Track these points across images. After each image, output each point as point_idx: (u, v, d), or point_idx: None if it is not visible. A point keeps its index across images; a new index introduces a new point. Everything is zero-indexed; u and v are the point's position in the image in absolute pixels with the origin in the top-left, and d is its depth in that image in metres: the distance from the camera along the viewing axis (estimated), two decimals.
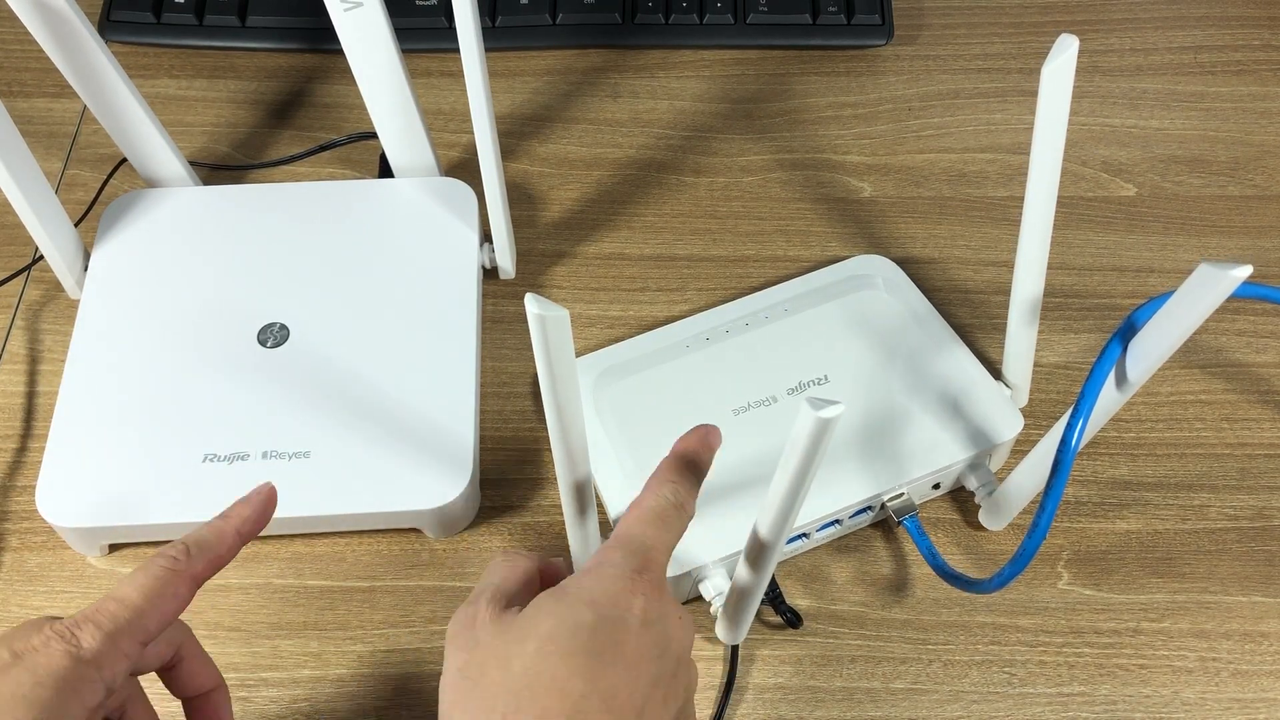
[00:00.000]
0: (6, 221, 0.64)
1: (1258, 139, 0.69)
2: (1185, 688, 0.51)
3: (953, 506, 0.56)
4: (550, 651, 0.35)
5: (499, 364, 0.59)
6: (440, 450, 0.53)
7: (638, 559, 0.38)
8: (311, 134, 0.68)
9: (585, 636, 0.36)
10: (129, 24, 0.71)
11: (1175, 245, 0.64)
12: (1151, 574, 0.54)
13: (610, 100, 0.70)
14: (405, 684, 0.50)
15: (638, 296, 0.62)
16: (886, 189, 0.66)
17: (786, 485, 0.36)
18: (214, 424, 0.53)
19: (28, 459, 0.56)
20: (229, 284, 0.58)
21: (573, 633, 0.36)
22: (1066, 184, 0.66)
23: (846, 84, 0.71)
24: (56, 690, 0.34)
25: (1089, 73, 0.71)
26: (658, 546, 0.39)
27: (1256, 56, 0.73)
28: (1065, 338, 0.61)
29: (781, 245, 0.64)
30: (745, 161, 0.68)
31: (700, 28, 0.72)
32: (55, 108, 0.69)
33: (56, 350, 0.60)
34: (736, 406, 0.54)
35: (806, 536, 0.52)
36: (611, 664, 0.35)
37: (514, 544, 0.54)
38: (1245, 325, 0.61)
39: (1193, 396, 0.59)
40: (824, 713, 0.50)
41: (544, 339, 0.36)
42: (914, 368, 0.56)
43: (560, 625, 0.36)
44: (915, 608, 0.53)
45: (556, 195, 0.66)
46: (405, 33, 0.68)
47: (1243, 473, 0.56)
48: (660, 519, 0.40)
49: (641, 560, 0.38)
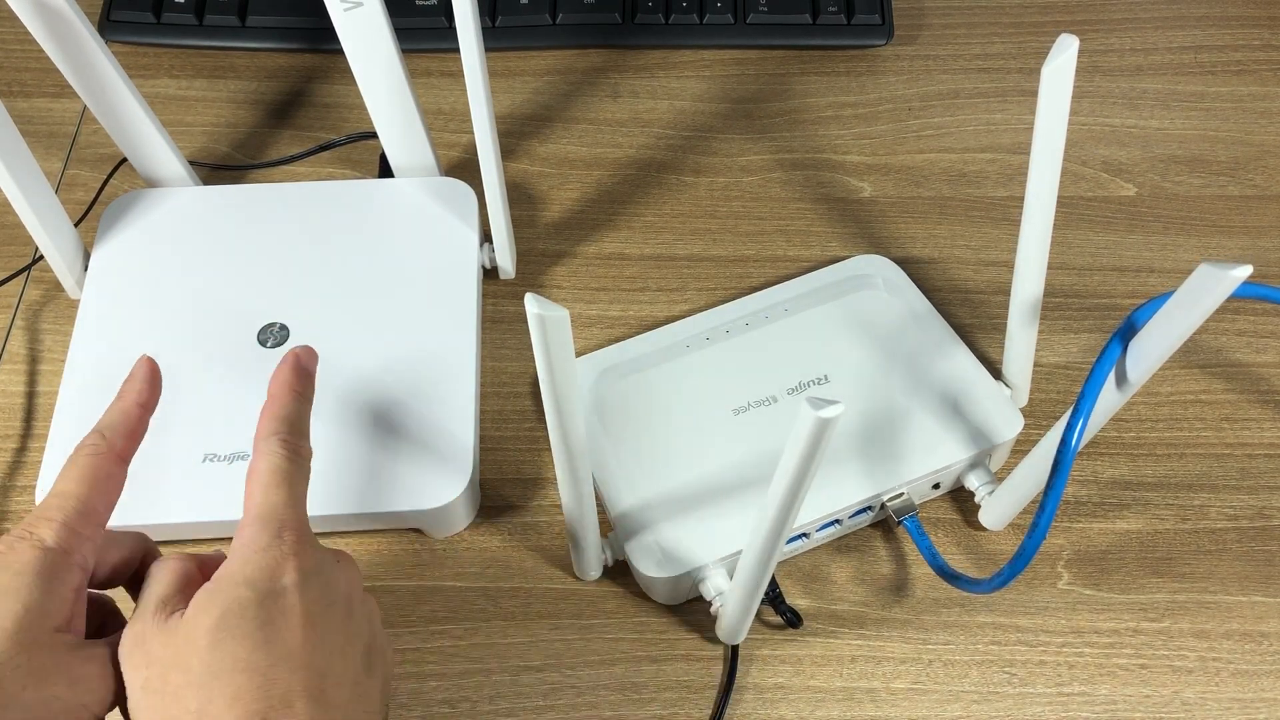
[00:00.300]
0: (6, 221, 0.64)
1: (1258, 139, 0.69)
2: (1185, 688, 0.51)
3: (953, 506, 0.56)
4: (223, 639, 0.36)
5: (499, 364, 0.59)
6: (440, 450, 0.53)
7: (273, 525, 0.39)
8: (311, 134, 0.68)
9: (252, 613, 0.37)
10: (129, 24, 0.71)
11: (1175, 245, 0.64)
12: (1151, 574, 0.54)
13: (610, 100, 0.70)
14: (404, 684, 0.50)
15: (638, 296, 0.62)
16: (886, 189, 0.66)
17: (786, 485, 0.36)
18: (214, 424, 0.53)
19: (28, 459, 0.56)
20: (229, 284, 0.58)
21: (239, 615, 0.37)
22: (1066, 184, 0.66)
23: (846, 84, 0.71)
24: (36, 576, 0.37)
25: (1089, 73, 0.71)
26: (288, 503, 0.40)
27: (1256, 56, 0.73)
28: (1065, 338, 0.61)
29: (781, 245, 0.64)
30: (745, 161, 0.68)
31: (700, 28, 0.72)
32: (55, 108, 0.69)
33: (56, 350, 0.60)
34: (736, 406, 0.54)
35: (806, 536, 0.53)
36: (286, 629, 0.37)
37: (514, 544, 0.54)
38: (1245, 325, 0.61)
39: (1193, 396, 0.59)
40: (824, 713, 0.50)
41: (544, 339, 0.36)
42: (914, 368, 0.56)
43: (225, 613, 0.37)
44: (915, 608, 0.53)
45: (556, 195, 0.66)
46: (405, 33, 0.68)
47: (1243, 473, 0.56)
48: (279, 477, 0.40)
49: (277, 525, 0.39)
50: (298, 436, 0.42)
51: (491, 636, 0.52)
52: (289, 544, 0.39)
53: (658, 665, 0.51)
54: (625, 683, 0.51)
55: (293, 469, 0.41)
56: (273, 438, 0.42)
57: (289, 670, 0.36)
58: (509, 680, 0.51)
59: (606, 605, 0.53)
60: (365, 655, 0.40)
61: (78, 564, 0.39)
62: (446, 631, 0.52)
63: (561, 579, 0.53)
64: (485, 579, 0.53)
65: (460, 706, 0.50)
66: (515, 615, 0.52)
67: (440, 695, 0.50)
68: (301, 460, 0.42)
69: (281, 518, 0.40)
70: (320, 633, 0.38)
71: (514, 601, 0.53)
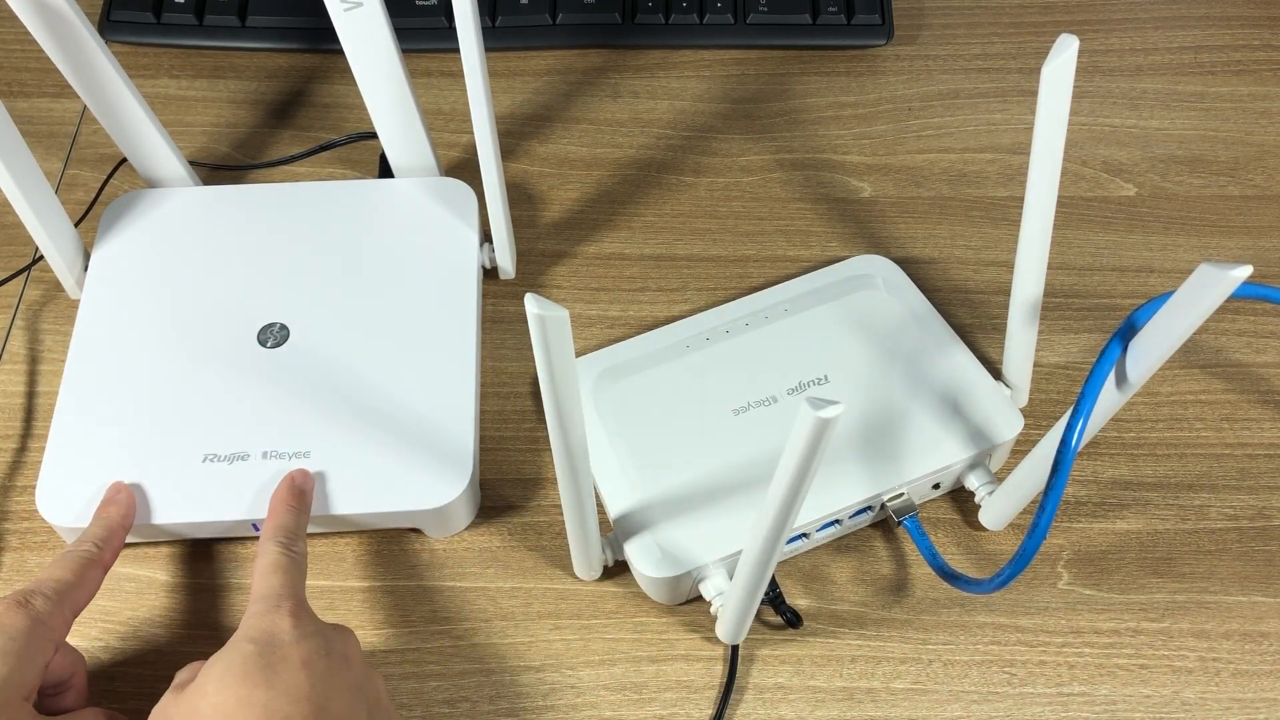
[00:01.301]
0: (6, 221, 0.64)
1: (1258, 139, 0.69)
2: (1185, 688, 0.51)
3: (953, 506, 0.56)
4: (228, 684, 0.40)
5: (499, 364, 0.59)
6: (440, 450, 0.53)
7: (272, 599, 0.44)
8: (311, 134, 0.68)
9: (253, 660, 0.41)
10: (129, 24, 0.71)
11: (1175, 245, 0.64)
12: (1151, 574, 0.54)
13: (610, 100, 0.70)
14: (404, 684, 0.50)
15: (638, 296, 0.62)
16: (886, 189, 0.66)
17: (786, 485, 0.36)
18: (214, 424, 0.53)
19: (28, 459, 0.56)
20: (229, 284, 0.58)
21: (242, 663, 0.41)
22: (1066, 184, 0.66)
23: (846, 84, 0.71)
24: (24, 643, 0.42)
25: (1089, 73, 0.71)
26: (285, 584, 0.45)
27: (1256, 56, 0.73)
28: (1065, 338, 0.61)
29: (781, 245, 0.64)
30: (745, 161, 0.68)
31: (700, 28, 0.72)
32: (55, 108, 0.69)
33: (56, 350, 0.60)
34: (736, 406, 0.54)
35: (806, 536, 0.53)
36: (286, 671, 0.41)
37: (514, 544, 0.54)
38: (1245, 325, 0.61)
39: (1193, 396, 0.59)
40: (824, 713, 0.50)
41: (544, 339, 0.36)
42: (914, 368, 0.56)
43: (229, 663, 0.41)
44: (915, 608, 0.53)
45: (556, 195, 0.66)
46: (405, 33, 0.69)
47: (1243, 473, 0.56)
48: (277, 568, 0.46)
49: (275, 598, 0.44)
50: (293, 540, 0.48)
51: (491, 636, 0.52)
52: (286, 610, 0.44)
53: (658, 665, 0.51)
54: (625, 683, 0.51)
55: (288, 563, 0.46)
56: (270, 541, 0.47)
57: (289, 701, 0.40)
58: (509, 680, 0.51)
59: (606, 605, 0.53)
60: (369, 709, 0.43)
61: (53, 640, 0.44)
62: (446, 631, 0.52)
63: (561, 579, 0.53)
64: (485, 579, 0.53)
65: (460, 706, 0.50)
66: (515, 615, 0.52)
67: (440, 695, 0.50)
68: (296, 556, 0.47)
69: (279, 594, 0.45)
70: (319, 674, 0.41)
71: (514, 601, 0.53)
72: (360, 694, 0.43)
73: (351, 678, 0.43)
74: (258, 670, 0.41)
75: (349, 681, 0.42)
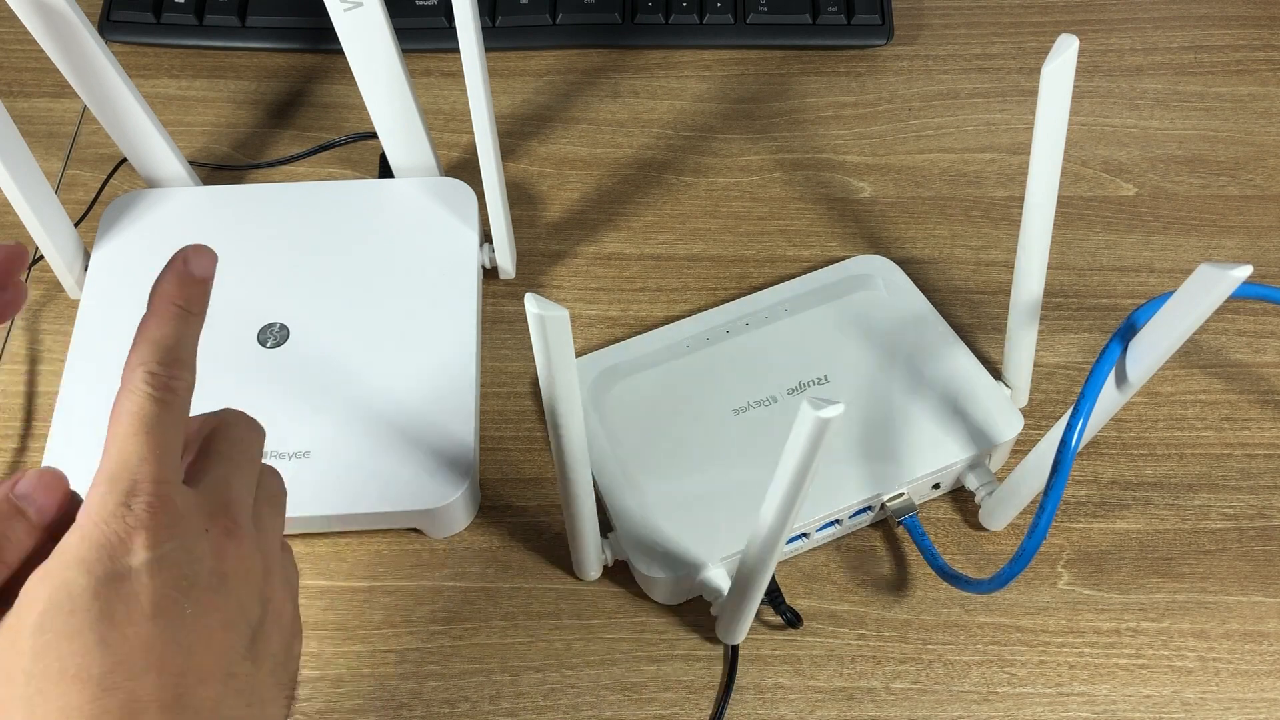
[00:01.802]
0: (6, 221, 0.64)
1: (1258, 139, 0.69)
2: (1185, 688, 0.51)
3: (953, 506, 0.56)
4: (48, 643, 0.29)
5: (499, 364, 0.59)
6: (440, 450, 0.53)
7: (122, 485, 0.31)
8: (311, 134, 0.68)
9: (85, 605, 0.29)
10: (129, 24, 0.71)
11: (1175, 245, 0.64)
12: (1151, 574, 0.54)
13: (610, 100, 0.70)
14: (404, 684, 0.50)
15: (638, 296, 0.62)
16: (886, 189, 0.66)
17: (786, 485, 0.36)
18: None
19: (28, 459, 0.56)
20: (229, 284, 0.58)
21: (68, 609, 0.29)
22: (1066, 184, 0.66)
23: (846, 84, 0.71)
24: None
25: (1089, 73, 0.71)
26: (145, 456, 0.32)
27: (1256, 56, 0.73)
28: (1065, 338, 0.61)
29: (781, 245, 0.64)
30: (745, 161, 0.68)
31: (700, 28, 0.72)
32: (55, 108, 0.69)
33: (56, 350, 0.60)
34: (736, 406, 0.54)
35: (806, 536, 0.53)
36: (129, 622, 0.29)
37: (514, 544, 0.54)
38: (1245, 325, 0.61)
39: (1193, 396, 0.59)
40: (824, 713, 0.50)
41: (544, 339, 0.36)
42: (914, 368, 0.56)
43: (51, 606, 0.29)
44: (915, 608, 0.53)
45: (556, 195, 0.66)
46: (405, 33, 0.69)
47: (1243, 473, 0.56)
48: (139, 422, 0.32)
49: (128, 485, 0.31)
50: (171, 367, 0.33)
51: (491, 636, 0.52)
52: (139, 512, 0.31)
53: (658, 665, 0.51)
54: (625, 683, 0.51)
55: (159, 411, 0.32)
56: (139, 369, 0.33)
57: (131, 674, 0.29)
58: (509, 680, 0.51)
59: (606, 605, 0.53)
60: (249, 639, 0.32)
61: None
62: (446, 631, 0.52)
63: (561, 579, 0.53)
64: (485, 579, 0.53)
65: (460, 706, 0.50)
66: (515, 615, 0.52)
67: (440, 695, 0.50)
68: (174, 398, 0.33)
69: (134, 476, 0.31)
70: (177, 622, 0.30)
71: (514, 601, 0.53)
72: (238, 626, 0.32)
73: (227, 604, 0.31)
74: (89, 622, 0.29)
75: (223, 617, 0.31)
